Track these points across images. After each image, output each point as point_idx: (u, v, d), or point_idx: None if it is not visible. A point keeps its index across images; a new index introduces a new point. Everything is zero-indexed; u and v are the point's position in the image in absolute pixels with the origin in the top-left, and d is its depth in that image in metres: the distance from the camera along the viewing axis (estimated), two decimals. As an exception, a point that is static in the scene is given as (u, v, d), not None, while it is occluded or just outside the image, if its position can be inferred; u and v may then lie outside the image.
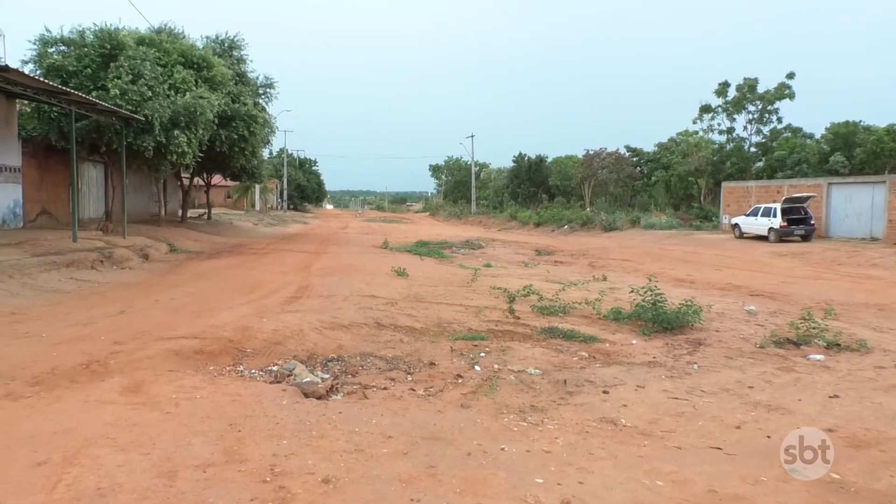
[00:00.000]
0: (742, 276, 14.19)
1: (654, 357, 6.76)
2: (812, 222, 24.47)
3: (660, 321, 7.98)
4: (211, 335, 6.87)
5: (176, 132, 18.47)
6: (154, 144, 18.25)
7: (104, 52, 18.01)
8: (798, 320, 7.76)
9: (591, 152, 50.19)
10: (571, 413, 4.95)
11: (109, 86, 17.29)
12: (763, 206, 25.78)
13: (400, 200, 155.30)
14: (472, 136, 66.15)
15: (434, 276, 13.36)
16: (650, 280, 9.04)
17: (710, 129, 41.64)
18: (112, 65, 17.84)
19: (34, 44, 18.17)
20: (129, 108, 17.28)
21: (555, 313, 8.87)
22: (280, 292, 10.41)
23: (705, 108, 40.80)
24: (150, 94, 17.82)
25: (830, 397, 5.42)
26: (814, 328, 7.50)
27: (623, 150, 50.49)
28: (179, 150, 18.75)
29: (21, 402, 4.71)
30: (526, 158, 60.93)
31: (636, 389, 5.59)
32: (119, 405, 4.65)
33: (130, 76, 17.63)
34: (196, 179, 31.60)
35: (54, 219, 19.11)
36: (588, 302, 9.28)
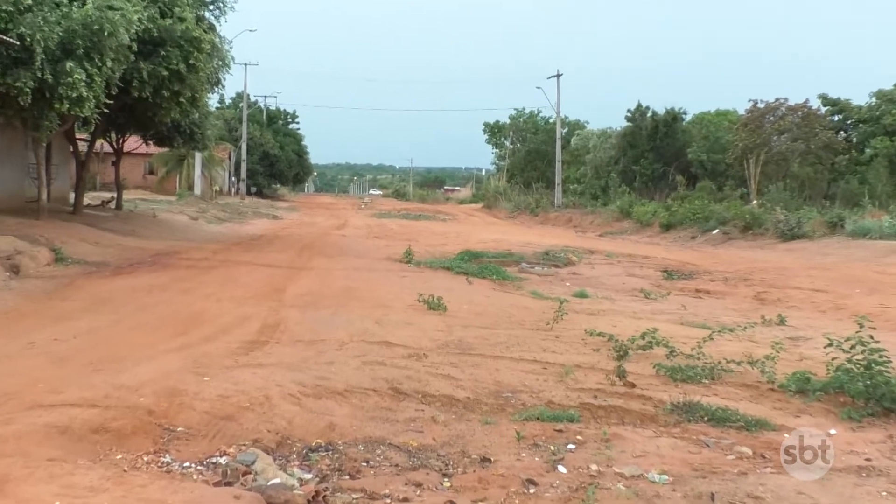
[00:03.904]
0: None
1: (869, 458, 6.58)
2: None
3: (879, 397, 7.78)
4: (119, 402, 6.95)
5: (69, 64, 18.87)
6: (34, 84, 18.68)
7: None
8: None
9: (761, 105, 49.48)
10: (724, 553, 4.84)
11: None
12: None
13: (434, 182, 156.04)
14: (559, 76, 65.70)
15: (489, 310, 13.30)
16: (861, 326, 8.80)
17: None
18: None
19: None
20: (-3, 25, 17.76)
21: (695, 379, 8.75)
22: (233, 333, 10.50)
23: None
24: (28, 2, 18.27)
25: None
26: None
27: (815, 104, 49.62)
28: (74, 94, 19.13)
29: None
30: (649, 114, 60.31)
31: (838, 516, 5.44)
32: (-31, 514, 4.74)
33: (-2, -26, 18.12)
34: (100, 143, 32.36)
35: None
36: (753, 361, 9.10)
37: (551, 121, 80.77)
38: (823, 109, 50.00)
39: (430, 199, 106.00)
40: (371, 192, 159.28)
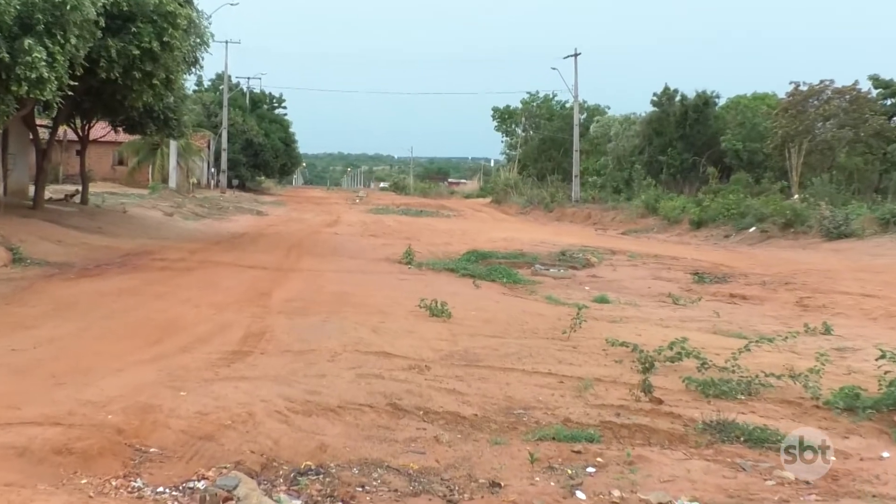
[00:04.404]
0: None
1: (927, 485, 6.55)
2: None
3: (938, 416, 7.75)
4: (84, 420, 6.95)
5: (28, 42, 18.83)
6: (-12, 64, 18.69)
7: None
8: None
9: (804, 88, 49.31)
10: (763, 590, 4.84)
11: None
12: None
13: (437, 174, 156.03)
14: (576, 55, 65.82)
15: (498, 317, 13.29)
16: (918, 335, 8.81)
17: None
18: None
19: None
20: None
21: (730, 395, 8.74)
22: (212, 342, 10.52)
23: None
24: (-19, -28, 18.26)
25: None
26: None
27: (865, 86, 49.39)
28: (34, 75, 19.10)
29: None
30: (678, 98, 60.16)
31: (891, 548, 5.43)
32: (-82, 545, 4.74)
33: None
34: (63, 130, 32.29)
35: None
36: (795, 375, 9.07)
37: (568, 105, 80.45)
38: (875, 92, 49.61)
39: (433, 192, 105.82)
40: (380, 185, 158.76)
